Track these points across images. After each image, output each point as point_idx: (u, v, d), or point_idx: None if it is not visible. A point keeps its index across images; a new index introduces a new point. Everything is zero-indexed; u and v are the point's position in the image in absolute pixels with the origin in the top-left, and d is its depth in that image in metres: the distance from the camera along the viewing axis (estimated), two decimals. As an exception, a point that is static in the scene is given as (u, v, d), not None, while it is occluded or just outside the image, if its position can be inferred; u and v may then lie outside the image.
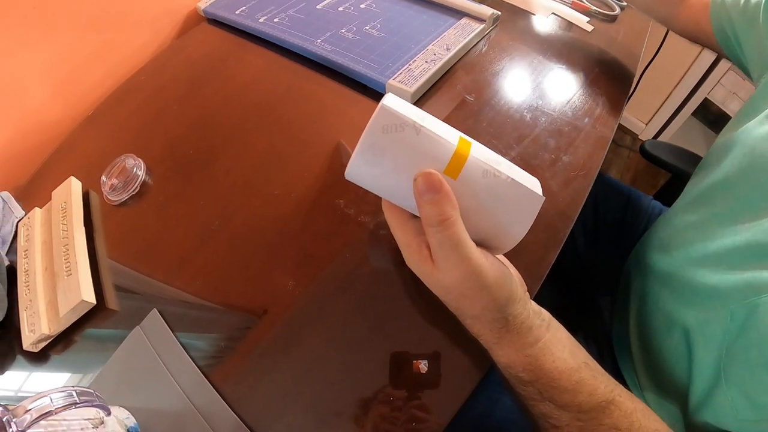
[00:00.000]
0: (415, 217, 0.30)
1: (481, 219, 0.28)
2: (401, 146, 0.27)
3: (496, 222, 0.29)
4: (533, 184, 0.29)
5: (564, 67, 0.56)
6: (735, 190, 0.37)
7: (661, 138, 1.52)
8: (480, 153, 0.28)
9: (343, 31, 0.57)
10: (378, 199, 0.30)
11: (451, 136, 0.28)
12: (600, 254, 0.61)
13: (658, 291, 0.43)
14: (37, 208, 0.48)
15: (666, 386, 0.40)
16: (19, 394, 0.39)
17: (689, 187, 0.46)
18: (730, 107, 1.33)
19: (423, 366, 0.34)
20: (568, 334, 0.31)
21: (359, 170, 0.28)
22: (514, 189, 0.28)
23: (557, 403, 0.29)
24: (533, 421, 0.31)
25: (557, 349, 0.30)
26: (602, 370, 0.31)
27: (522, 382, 0.29)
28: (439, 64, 0.51)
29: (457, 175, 0.27)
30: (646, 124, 1.55)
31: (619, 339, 0.50)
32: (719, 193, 0.39)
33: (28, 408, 0.27)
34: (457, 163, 0.27)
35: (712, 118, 1.54)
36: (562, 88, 0.53)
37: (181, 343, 0.37)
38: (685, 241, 0.41)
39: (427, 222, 0.26)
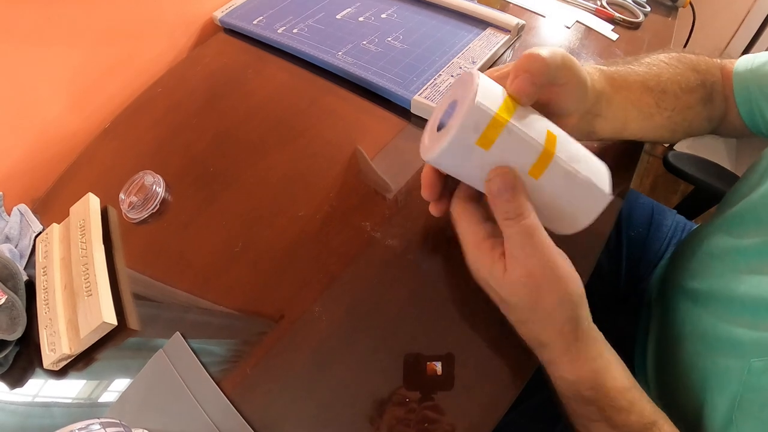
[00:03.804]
0: (487, 220, 0.30)
1: (554, 212, 0.29)
2: (492, 145, 0.26)
3: (565, 213, 0.29)
4: (604, 178, 0.29)
5: (590, 79, 0.55)
6: (764, 228, 0.35)
7: (681, 143, 1.49)
8: (563, 148, 0.27)
9: (364, 42, 0.56)
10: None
11: (539, 132, 0.27)
12: (623, 272, 0.60)
13: (680, 327, 0.41)
14: (55, 224, 0.47)
15: (678, 424, 0.39)
16: (38, 399, 0.40)
17: (721, 207, 0.44)
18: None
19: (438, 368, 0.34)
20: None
21: (444, 160, 0.27)
22: (589, 189, 0.28)
23: (611, 423, 0.28)
24: None
25: (615, 366, 0.29)
26: (644, 392, 0.30)
27: (585, 401, 0.29)
28: (464, 79, 0.49)
29: (540, 175, 0.27)
30: (665, 129, 1.52)
31: (639, 366, 0.49)
32: (747, 229, 0.37)
33: (54, 443, 0.27)
34: (542, 164, 0.27)
35: (731, 122, 1.52)
36: (589, 101, 0.52)
37: (205, 367, 0.36)
38: (709, 277, 0.39)
39: (505, 216, 0.27)
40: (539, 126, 0.27)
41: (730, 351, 0.34)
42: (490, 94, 0.26)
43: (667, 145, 1.54)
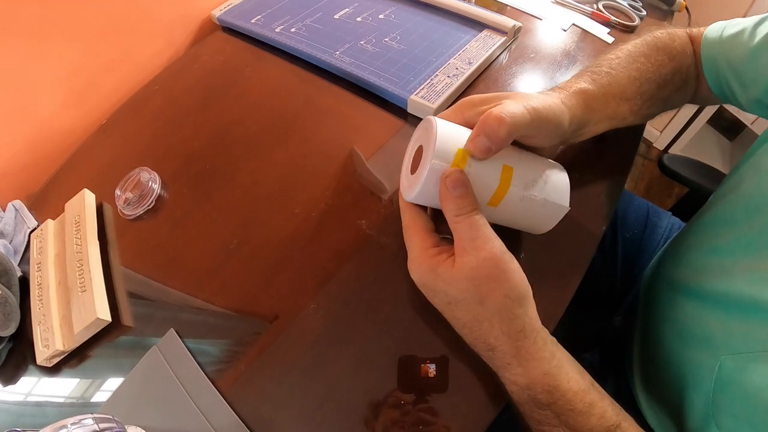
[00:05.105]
0: (434, 231, 0.32)
1: (516, 225, 0.34)
2: None
3: (526, 225, 0.34)
4: (561, 193, 0.32)
5: (586, 81, 0.55)
6: (737, 228, 0.36)
7: (675, 146, 1.50)
8: (519, 177, 0.30)
9: (362, 42, 0.56)
10: (401, 222, 0.32)
11: (494, 170, 0.29)
12: (618, 273, 0.60)
13: (660, 324, 0.42)
14: (50, 220, 0.47)
15: (664, 419, 0.40)
16: (31, 398, 0.39)
17: (704, 208, 0.45)
18: (745, 115, 1.31)
19: (431, 370, 0.34)
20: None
21: (417, 201, 0.31)
22: (546, 206, 0.32)
23: (571, 427, 0.28)
24: None
25: (569, 367, 0.29)
26: (605, 392, 0.30)
27: (539, 404, 0.28)
28: (461, 79, 0.50)
29: (498, 203, 0.30)
30: (661, 132, 1.53)
31: (629, 364, 0.49)
32: (722, 228, 0.38)
33: (47, 438, 0.27)
34: (499, 195, 0.30)
35: (727, 125, 1.54)
36: (584, 103, 0.52)
37: (199, 364, 0.36)
38: (686, 276, 0.40)
39: (457, 212, 0.28)
40: (495, 164, 0.29)
41: (704, 348, 0.35)
42: (447, 148, 0.28)
43: (661, 149, 1.55)
